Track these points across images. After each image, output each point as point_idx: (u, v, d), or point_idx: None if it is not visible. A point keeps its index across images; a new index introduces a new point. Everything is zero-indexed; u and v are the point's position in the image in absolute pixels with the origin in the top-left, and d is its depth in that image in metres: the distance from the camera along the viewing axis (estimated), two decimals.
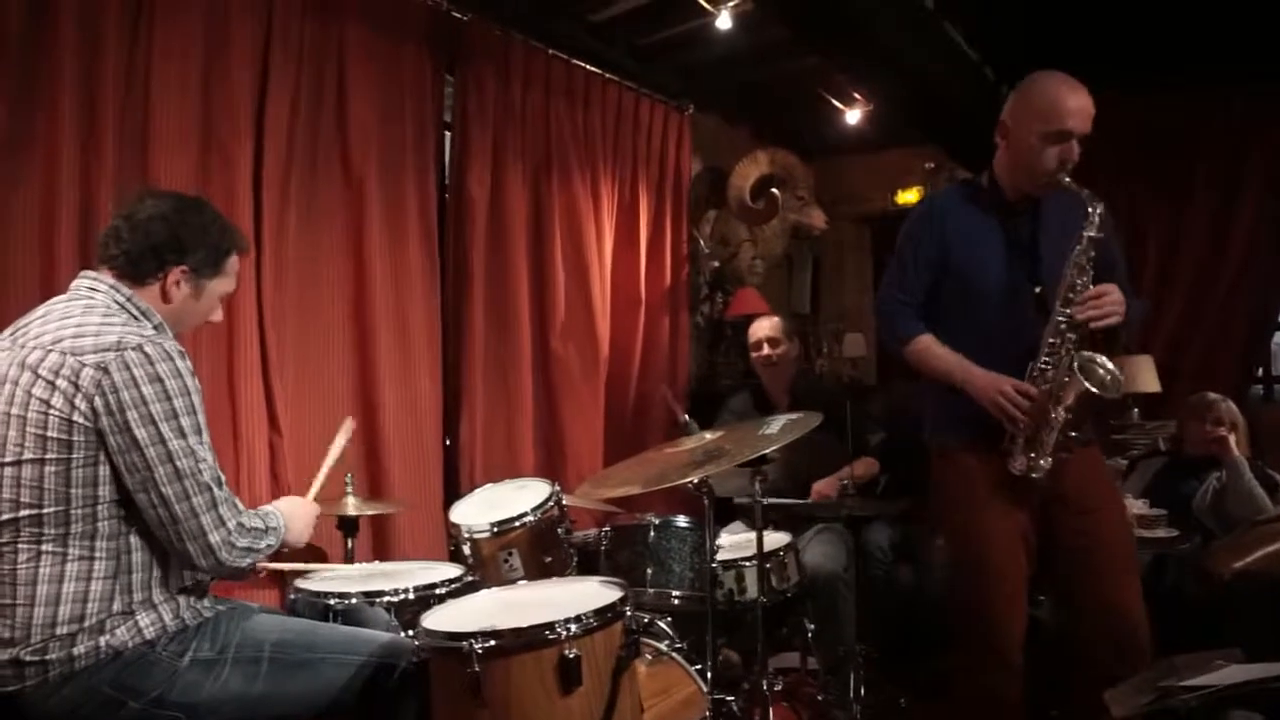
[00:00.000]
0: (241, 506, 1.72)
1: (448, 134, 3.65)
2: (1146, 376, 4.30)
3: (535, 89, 3.84)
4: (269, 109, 2.92)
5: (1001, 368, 2.10)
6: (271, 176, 2.93)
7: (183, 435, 1.62)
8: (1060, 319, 2.03)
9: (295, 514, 1.88)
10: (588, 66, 4.08)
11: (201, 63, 2.76)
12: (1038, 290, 2.12)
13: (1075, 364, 2.00)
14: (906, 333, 2.22)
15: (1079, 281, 2.02)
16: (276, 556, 1.88)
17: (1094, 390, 1.98)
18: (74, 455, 1.58)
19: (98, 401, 1.58)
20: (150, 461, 1.59)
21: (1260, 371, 4.84)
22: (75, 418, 1.58)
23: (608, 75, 4.18)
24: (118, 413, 1.58)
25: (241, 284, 2.82)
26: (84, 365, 1.59)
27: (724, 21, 3.70)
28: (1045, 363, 2.05)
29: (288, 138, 2.98)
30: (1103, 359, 2.05)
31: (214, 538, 1.63)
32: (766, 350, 3.61)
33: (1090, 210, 2.02)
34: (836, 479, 3.33)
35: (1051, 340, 2.04)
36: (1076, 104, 2.05)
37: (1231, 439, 3.27)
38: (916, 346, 2.21)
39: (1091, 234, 2.02)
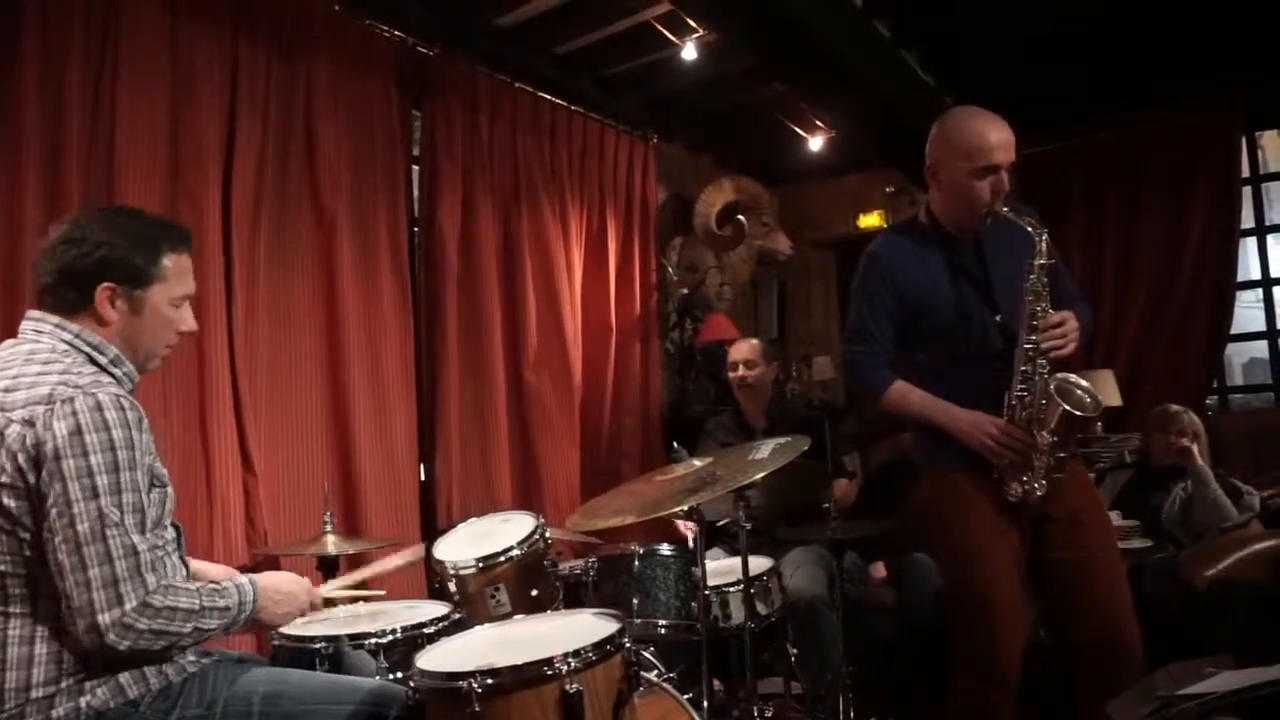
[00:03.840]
0: (154, 584, 1.46)
1: (416, 169, 3.64)
2: (1108, 390, 4.39)
3: (502, 122, 3.85)
4: (237, 151, 2.90)
5: (977, 396, 2.14)
6: (240, 219, 2.90)
7: (94, 495, 1.44)
8: (1028, 346, 2.07)
9: (283, 591, 1.68)
10: (554, 99, 4.11)
11: (168, 108, 2.74)
12: (997, 318, 2.16)
13: (1052, 388, 2.04)
14: (878, 384, 2.25)
15: (1039, 309, 2.07)
16: None
17: (1074, 412, 2.02)
18: (14, 518, 1.47)
19: (21, 459, 1.45)
20: (51, 525, 1.43)
21: (1215, 383, 4.96)
22: (1, 479, 1.46)
23: (573, 107, 4.22)
24: (40, 468, 1.44)
25: (213, 325, 2.81)
26: (11, 421, 1.47)
27: (689, 52, 3.75)
28: (1021, 389, 2.08)
29: (256, 179, 2.96)
30: (1076, 379, 2.09)
31: (104, 618, 1.42)
32: (742, 371, 3.64)
33: (1036, 239, 2.07)
34: None
35: (1024, 368, 2.08)
36: (998, 138, 2.09)
37: (1195, 449, 3.35)
38: (891, 396, 2.24)
39: (1041, 261, 2.06)
